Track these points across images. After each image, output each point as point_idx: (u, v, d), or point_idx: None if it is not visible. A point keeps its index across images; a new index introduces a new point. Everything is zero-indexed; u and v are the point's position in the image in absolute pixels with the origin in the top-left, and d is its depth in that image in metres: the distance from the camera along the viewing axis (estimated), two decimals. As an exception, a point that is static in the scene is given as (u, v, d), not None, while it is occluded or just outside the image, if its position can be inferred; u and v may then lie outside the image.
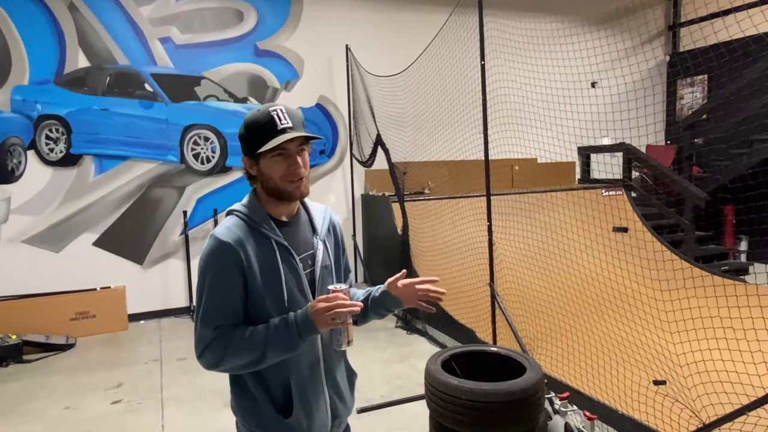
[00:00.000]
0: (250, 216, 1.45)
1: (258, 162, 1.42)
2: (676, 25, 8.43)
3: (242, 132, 1.44)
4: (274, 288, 1.42)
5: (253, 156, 1.41)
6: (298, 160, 1.42)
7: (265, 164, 1.41)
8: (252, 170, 1.46)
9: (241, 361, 1.37)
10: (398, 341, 4.87)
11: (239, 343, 1.36)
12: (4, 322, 4.92)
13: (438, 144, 5.85)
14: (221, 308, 1.39)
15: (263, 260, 1.42)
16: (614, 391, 3.17)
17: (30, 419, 3.55)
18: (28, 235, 5.38)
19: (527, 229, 4.64)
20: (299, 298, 1.47)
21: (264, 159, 1.41)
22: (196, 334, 1.40)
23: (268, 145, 1.36)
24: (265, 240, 1.44)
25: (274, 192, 1.45)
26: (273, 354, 1.38)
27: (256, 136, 1.39)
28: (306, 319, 1.37)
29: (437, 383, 2.25)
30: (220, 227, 1.43)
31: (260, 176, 1.44)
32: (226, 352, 1.36)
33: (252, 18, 6.13)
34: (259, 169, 1.43)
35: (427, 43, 5.21)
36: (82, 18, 5.44)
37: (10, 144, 5.26)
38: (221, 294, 1.39)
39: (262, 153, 1.38)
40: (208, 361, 1.38)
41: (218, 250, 1.39)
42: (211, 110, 5.98)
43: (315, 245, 1.54)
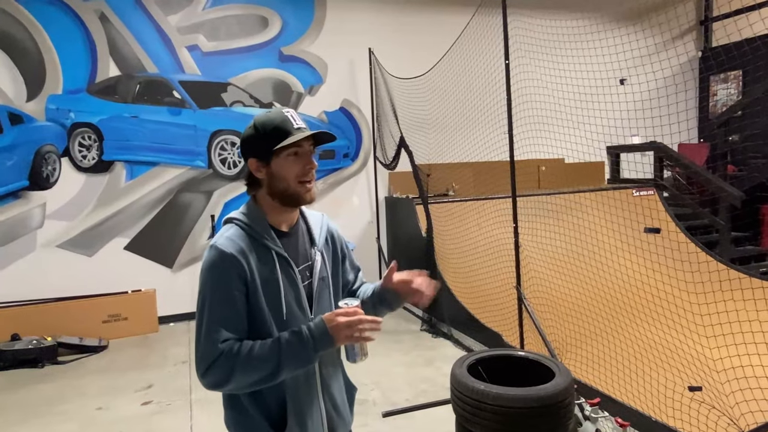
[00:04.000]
0: (251, 226, 1.41)
1: (269, 163, 1.39)
2: (708, 20, 8.18)
3: (252, 133, 1.40)
4: (273, 301, 1.39)
5: (264, 157, 1.38)
6: (312, 161, 1.41)
7: (279, 164, 1.38)
8: (259, 173, 1.41)
9: (251, 379, 1.31)
10: (423, 344, 4.84)
11: (248, 358, 1.30)
12: (40, 324, 5.08)
13: (462, 145, 5.80)
14: (226, 321, 1.33)
15: (264, 272, 1.38)
16: (647, 397, 3.08)
17: (64, 419, 3.65)
18: (62, 239, 5.55)
19: (555, 230, 4.56)
20: (297, 311, 1.43)
21: (278, 159, 1.38)
22: (199, 351, 1.31)
23: (288, 140, 1.34)
24: (266, 251, 1.40)
25: (283, 195, 1.41)
26: (287, 369, 1.33)
27: (272, 134, 1.36)
28: (324, 333, 1.34)
29: (463, 388, 2.22)
30: (221, 237, 1.38)
31: (270, 179, 1.40)
32: (234, 370, 1.29)
33: (276, 24, 6.21)
34: (269, 171, 1.39)
35: (449, 44, 5.18)
36: (113, 28, 5.59)
37: (45, 151, 5.44)
38: (226, 306, 1.33)
39: (276, 152, 1.36)
40: (213, 380, 1.30)
41: (221, 261, 1.34)
42: (237, 116, 6.06)
43: (313, 257, 1.51)
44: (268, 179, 1.41)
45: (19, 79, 5.33)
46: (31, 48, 5.35)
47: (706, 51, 8.18)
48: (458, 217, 5.47)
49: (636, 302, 4.06)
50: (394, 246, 6.66)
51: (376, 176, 6.73)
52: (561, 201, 5.47)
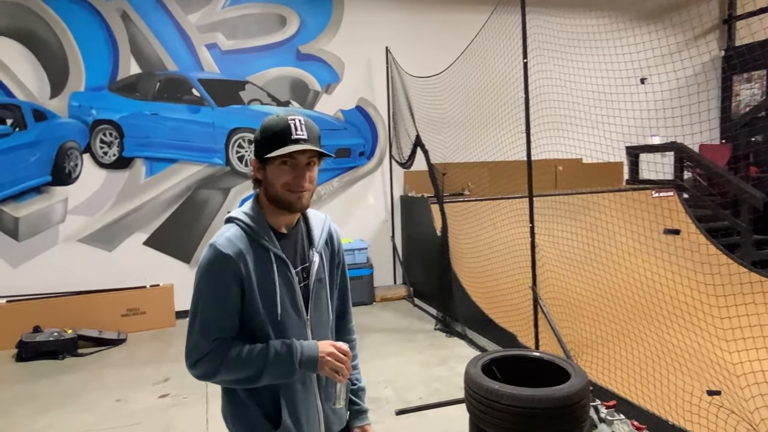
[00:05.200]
0: (251, 226, 1.44)
1: (265, 167, 1.42)
2: (731, 18, 8.02)
3: (257, 135, 1.43)
4: (269, 301, 1.42)
5: (262, 160, 1.41)
6: (305, 173, 1.41)
7: (271, 170, 1.41)
8: (258, 174, 1.45)
9: (234, 377, 1.39)
10: (437, 344, 4.83)
11: (236, 359, 1.37)
12: (61, 317, 5.19)
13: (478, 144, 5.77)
14: (220, 320, 1.39)
15: (261, 273, 1.41)
16: (664, 401, 3.04)
17: (84, 410, 3.73)
18: (83, 234, 5.66)
19: (572, 231, 4.52)
20: (292, 311, 1.46)
21: (271, 165, 1.41)
22: (190, 343, 1.39)
23: (277, 152, 1.37)
24: (264, 252, 1.43)
25: (274, 199, 1.44)
26: (269, 377, 1.39)
27: (269, 140, 1.39)
28: (312, 357, 1.41)
29: (478, 387, 2.21)
30: (221, 237, 1.41)
31: (264, 181, 1.44)
32: (221, 366, 1.37)
33: (294, 23, 6.24)
34: (264, 174, 1.43)
35: (467, 43, 5.16)
36: (134, 26, 5.68)
37: (67, 148, 5.55)
38: (221, 306, 1.39)
39: (270, 158, 1.38)
40: (200, 372, 1.39)
41: (219, 262, 1.38)
42: (254, 114, 6.12)
43: (311, 258, 1.53)
44: (264, 182, 1.45)
45: (43, 77, 5.45)
46: (55, 46, 5.46)
47: (730, 50, 8.02)
48: (473, 216, 5.45)
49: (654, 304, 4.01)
50: (408, 245, 6.66)
51: (392, 175, 6.74)
52: (578, 201, 5.42)
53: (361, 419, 1.67)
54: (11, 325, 5.03)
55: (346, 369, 1.43)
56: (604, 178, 7.13)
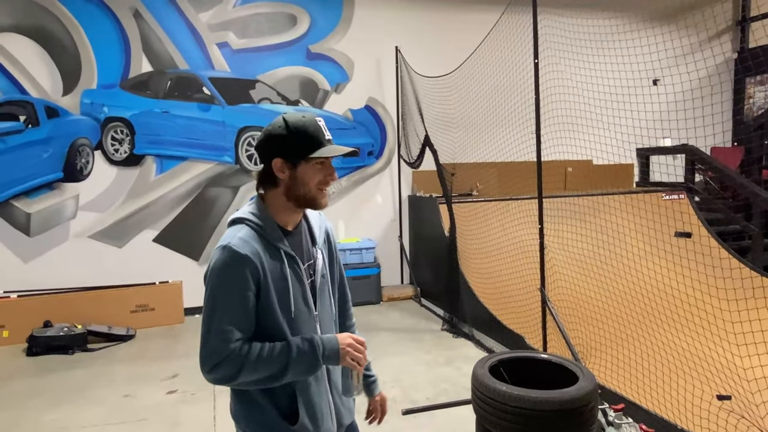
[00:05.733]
0: (261, 226, 1.43)
1: (296, 166, 1.42)
2: (745, 20, 7.93)
3: (283, 133, 1.41)
4: (283, 299, 1.43)
5: (292, 159, 1.41)
6: (333, 171, 1.48)
7: (305, 170, 1.42)
8: (282, 174, 1.42)
9: (255, 378, 1.36)
10: (444, 344, 4.83)
11: (258, 360, 1.35)
12: (71, 312, 5.24)
13: (487, 145, 5.75)
14: (239, 322, 1.36)
15: (275, 271, 1.42)
16: (674, 405, 3.01)
17: (93, 404, 3.76)
18: (94, 230, 5.71)
19: (581, 233, 4.49)
20: (303, 308, 1.48)
21: (305, 165, 1.42)
22: (207, 348, 1.35)
23: (323, 153, 1.40)
24: (276, 251, 1.44)
25: (301, 198, 1.44)
26: (292, 374, 1.39)
27: (305, 141, 1.40)
28: (334, 350, 1.43)
29: (485, 389, 2.21)
30: (234, 238, 1.39)
31: (290, 181, 1.43)
32: (242, 369, 1.33)
33: (305, 22, 6.26)
34: (293, 173, 1.42)
35: (477, 42, 5.15)
36: (146, 24, 5.72)
37: (79, 144, 5.60)
38: (240, 308, 1.36)
39: (305, 159, 1.41)
40: (219, 376, 1.34)
41: (235, 263, 1.36)
42: (264, 113, 6.14)
43: (314, 254, 1.56)
44: (290, 181, 1.43)
45: (56, 74, 5.50)
46: (68, 43, 5.51)
47: (743, 52, 7.93)
48: (482, 217, 5.43)
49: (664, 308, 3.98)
50: (416, 245, 6.66)
51: (400, 174, 6.74)
52: (588, 203, 5.38)
53: (378, 386, 1.77)
54: (22, 319, 5.09)
55: (364, 358, 1.47)
56: (614, 179, 7.08)
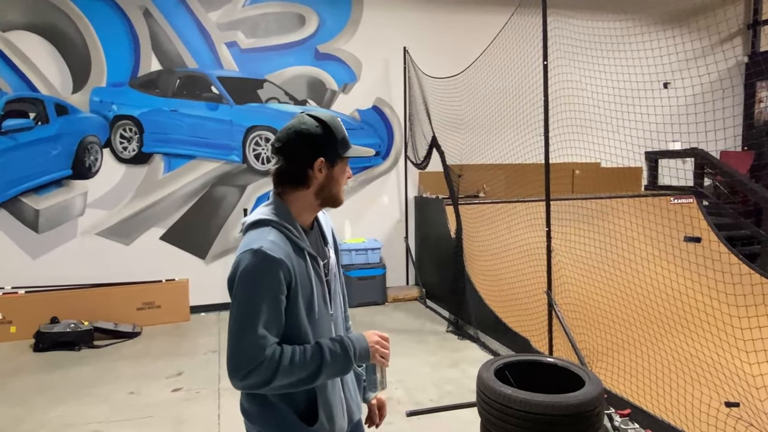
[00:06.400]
0: (288, 228, 1.42)
1: (333, 166, 1.45)
2: (757, 23, 7.86)
3: (322, 133, 1.42)
4: (308, 300, 1.42)
5: (332, 159, 1.43)
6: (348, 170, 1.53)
7: (339, 169, 1.47)
8: (320, 173, 1.43)
9: (288, 382, 1.34)
10: (449, 346, 4.81)
11: (291, 364, 1.33)
12: (78, 309, 5.27)
13: (494, 146, 5.73)
14: (273, 327, 1.34)
15: (302, 273, 1.41)
16: (681, 411, 2.98)
17: (99, 401, 3.78)
18: (101, 227, 5.74)
19: (588, 236, 4.46)
20: (323, 307, 1.48)
21: (340, 164, 1.46)
22: (241, 355, 1.30)
23: (357, 152, 1.48)
24: (300, 251, 1.43)
25: (332, 197, 1.47)
26: (325, 376, 1.39)
27: (341, 140, 1.44)
28: (365, 349, 1.46)
29: (490, 392, 2.20)
30: (264, 241, 1.37)
31: (326, 180, 1.44)
32: (276, 374, 1.31)
33: (313, 22, 6.26)
34: (329, 173, 1.44)
35: (486, 44, 5.13)
36: (156, 23, 5.75)
37: (88, 142, 5.64)
38: (274, 312, 1.34)
39: (342, 159, 1.46)
40: (252, 383, 1.31)
41: (270, 267, 1.33)
42: (272, 112, 6.15)
43: (327, 254, 1.56)
44: (325, 180, 1.45)
45: (66, 72, 5.54)
46: (78, 42, 5.55)
47: (755, 55, 7.86)
48: (488, 219, 5.41)
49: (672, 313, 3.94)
50: (422, 246, 6.64)
51: (407, 175, 6.73)
52: (596, 206, 5.35)
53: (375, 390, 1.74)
54: (29, 315, 5.13)
55: (388, 351, 1.50)
56: (622, 183, 7.04)
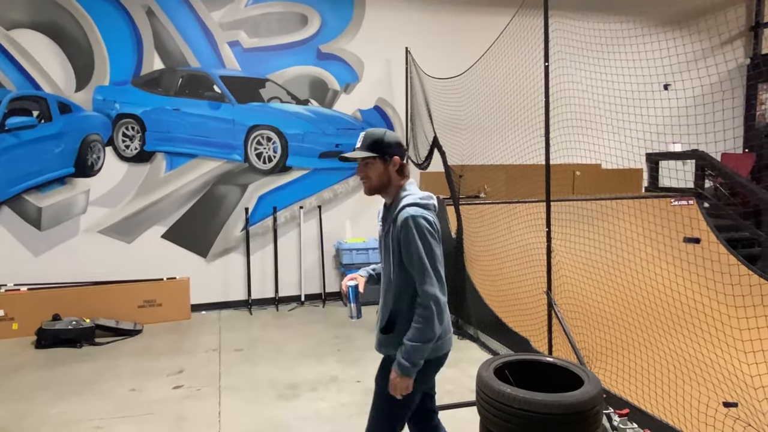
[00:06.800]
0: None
1: None
2: (759, 25, 7.87)
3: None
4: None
5: None
6: (359, 170, 2.13)
7: None
8: None
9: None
10: (449, 345, 4.82)
11: None
12: (79, 306, 5.29)
13: (495, 147, 5.74)
14: None
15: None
16: (679, 411, 3.00)
17: (100, 398, 3.80)
18: (103, 225, 5.76)
19: (588, 237, 4.48)
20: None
21: None
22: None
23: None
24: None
25: None
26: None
27: None
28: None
29: (489, 390, 2.21)
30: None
31: None
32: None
33: (316, 22, 6.28)
34: None
35: (487, 45, 5.14)
36: (159, 22, 5.77)
37: (90, 140, 5.66)
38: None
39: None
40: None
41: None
42: (274, 111, 6.17)
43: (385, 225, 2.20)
44: None
45: (69, 70, 5.56)
46: (81, 40, 5.57)
47: (756, 57, 7.87)
48: (489, 219, 5.43)
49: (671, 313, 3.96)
50: (423, 246, 6.64)
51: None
52: (596, 207, 5.36)
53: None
54: (31, 312, 5.15)
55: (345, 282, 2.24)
56: (623, 184, 7.04)
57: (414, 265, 1.97)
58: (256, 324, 5.64)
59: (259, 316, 5.91)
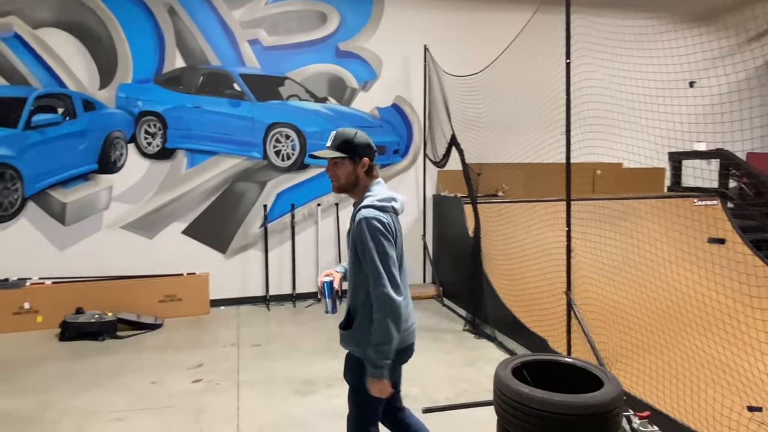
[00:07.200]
0: None
1: None
2: (788, 21, 7.64)
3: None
4: None
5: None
6: (329, 168, 2.21)
7: None
8: None
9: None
10: (465, 345, 4.81)
11: None
12: (102, 300, 5.40)
13: (514, 146, 5.69)
14: None
15: None
16: (701, 414, 2.94)
17: (122, 390, 3.87)
18: (126, 221, 5.86)
19: (609, 237, 4.41)
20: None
21: None
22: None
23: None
24: None
25: None
26: None
27: None
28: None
29: (507, 390, 2.20)
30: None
31: None
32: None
33: (335, 20, 6.30)
34: None
35: (507, 42, 5.09)
36: (180, 21, 5.84)
37: (113, 137, 5.76)
38: None
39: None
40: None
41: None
42: (292, 109, 6.20)
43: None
44: None
45: (93, 68, 5.67)
46: (105, 39, 5.67)
47: (785, 54, 7.65)
48: (507, 218, 5.39)
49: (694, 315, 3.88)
50: (439, 245, 6.64)
51: (425, 174, 6.73)
52: (617, 207, 5.28)
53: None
54: (56, 305, 5.27)
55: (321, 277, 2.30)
56: (645, 184, 6.93)
57: (368, 265, 2.01)
58: (273, 320, 5.69)
59: (277, 312, 5.96)
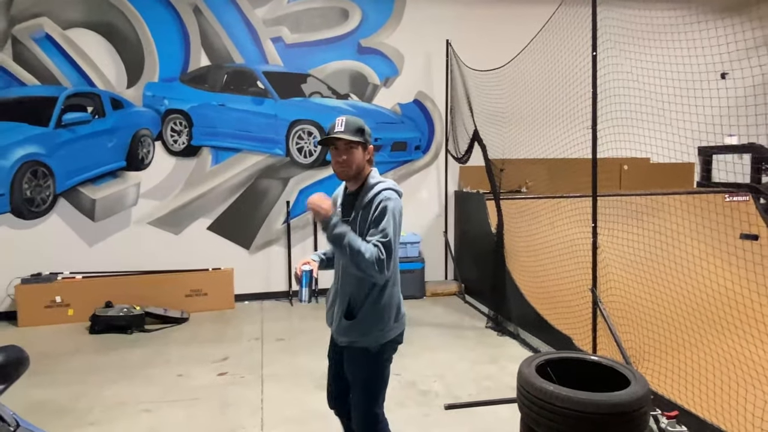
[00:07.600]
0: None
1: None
2: (827, 9, 7.36)
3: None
4: None
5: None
6: (341, 154, 2.11)
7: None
8: None
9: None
10: (488, 342, 4.78)
11: None
12: (130, 294, 5.52)
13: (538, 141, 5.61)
14: None
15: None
16: (732, 415, 2.87)
17: (150, 383, 3.96)
18: (153, 217, 5.99)
19: (636, 233, 4.32)
20: None
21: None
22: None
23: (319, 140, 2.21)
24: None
25: None
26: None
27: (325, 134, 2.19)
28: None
29: (531, 388, 2.18)
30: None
31: None
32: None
33: (356, 16, 6.30)
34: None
35: (531, 35, 5.02)
36: (205, 20, 5.93)
37: (141, 135, 5.88)
38: None
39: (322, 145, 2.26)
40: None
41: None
42: (315, 106, 6.24)
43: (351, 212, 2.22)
44: None
45: (121, 68, 5.79)
46: (132, 38, 5.79)
47: (823, 44, 7.36)
48: (531, 214, 5.32)
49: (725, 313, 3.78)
50: (461, 241, 6.60)
51: (447, 170, 6.69)
52: (645, 202, 5.17)
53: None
54: (86, 299, 5.41)
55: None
56: (673, 179, 6.77)
57: (378, 233, 2.05)
58: (296, 315, 5.75)
59: (299, 307, 6.01)
